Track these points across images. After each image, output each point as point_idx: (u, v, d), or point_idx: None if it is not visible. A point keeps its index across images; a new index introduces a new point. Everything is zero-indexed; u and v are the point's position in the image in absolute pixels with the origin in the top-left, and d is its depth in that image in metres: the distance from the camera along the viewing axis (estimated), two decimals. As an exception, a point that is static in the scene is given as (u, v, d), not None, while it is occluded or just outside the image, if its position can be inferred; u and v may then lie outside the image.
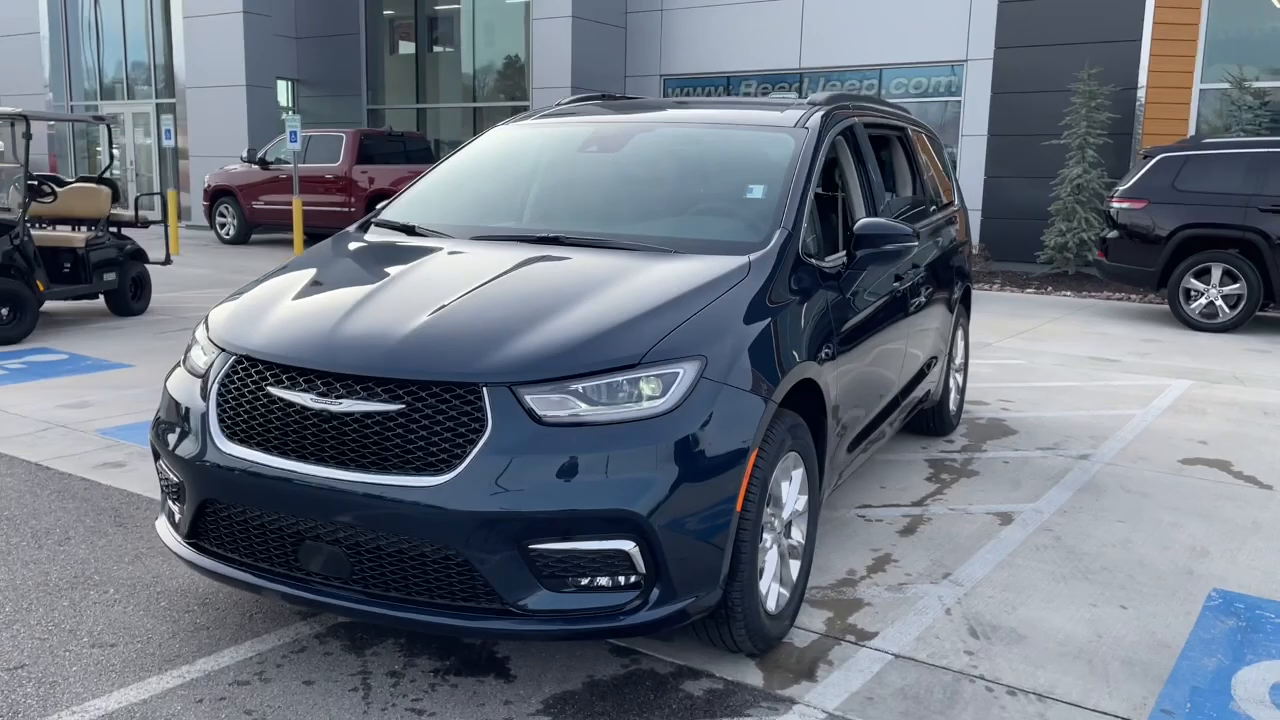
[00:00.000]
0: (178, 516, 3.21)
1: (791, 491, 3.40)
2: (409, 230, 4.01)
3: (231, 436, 3.01)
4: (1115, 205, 10.85)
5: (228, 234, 17.88)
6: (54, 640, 3.26)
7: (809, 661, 3.27)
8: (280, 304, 3.30)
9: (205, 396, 3.11)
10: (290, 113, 18.69)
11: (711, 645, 3.23)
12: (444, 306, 3.09)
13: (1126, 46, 14.62)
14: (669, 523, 2.78)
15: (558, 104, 5.01)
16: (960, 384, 6.22)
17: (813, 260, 3.71)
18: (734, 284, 3.28)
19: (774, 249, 3.52)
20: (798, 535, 3.50)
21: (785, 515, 3.37)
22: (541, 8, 18.33)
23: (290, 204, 15.11)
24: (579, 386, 2.81)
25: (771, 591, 3.30)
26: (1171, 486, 5.17)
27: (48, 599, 3.56)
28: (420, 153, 17.76)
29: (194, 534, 3.15)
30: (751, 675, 3.17)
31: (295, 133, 14.10)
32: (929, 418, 5.82)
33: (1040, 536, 4.43)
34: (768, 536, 3.25)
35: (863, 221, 3.83)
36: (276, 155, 17.15)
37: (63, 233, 9.32)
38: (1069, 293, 13.05)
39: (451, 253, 3.68)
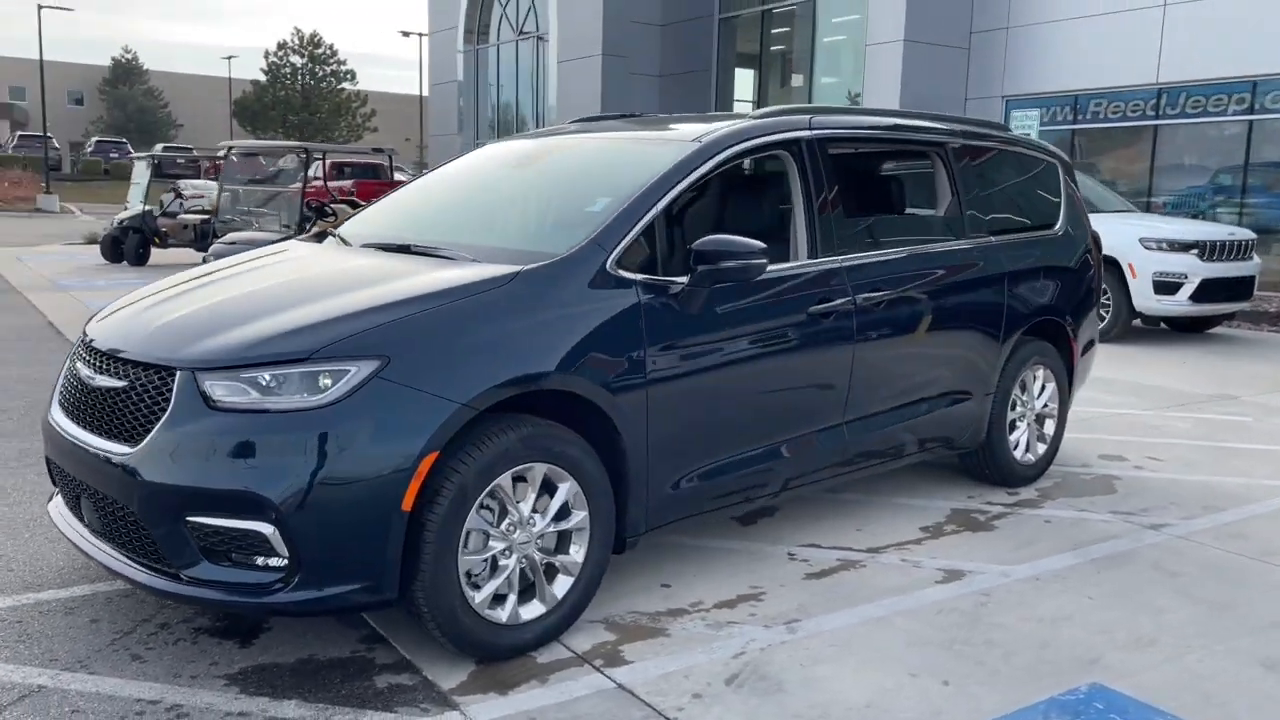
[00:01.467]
0: (51, 470, 3.87)
1: (552, 505, 3.34)
2: (340, 239, 4.41)
3: (60, 404, 3.59)
4: None
5: None
6: (-25, 561, 4.03)
7: (525, 676, 3.20)
8: (140, 294, 3.84)
9: (60, 371, 3.74)
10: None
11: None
12: (216, 302, 3.46)
13: None
14: (306, 511, 2.91)
15: (570, 122, 5.17)
16: (1045, 433, 5.45)
17: (639, 276, 3.59)
18: (480, 291, 3.31)
19: (565, 261, 3.47)
20: (576, 552, 3.43)
21: (538, 528, 3.32)
22: (875, 34, 18.10)
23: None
24: (257, 376, 3.03)
25: (508, 602, 3.27)
26: (1227, 572, 4.23)
27: (7, 529, 4.35)
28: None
29: (54, 483, 3.77)
30: (453, 679, 3.17)
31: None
32: (979, 463, 5.20)
33: (964, 601, 3.87)
34: (497, 544, 3.24)
35: (702, 238, 3.64)
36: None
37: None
38: None
39: (300, 258, 4.04)
